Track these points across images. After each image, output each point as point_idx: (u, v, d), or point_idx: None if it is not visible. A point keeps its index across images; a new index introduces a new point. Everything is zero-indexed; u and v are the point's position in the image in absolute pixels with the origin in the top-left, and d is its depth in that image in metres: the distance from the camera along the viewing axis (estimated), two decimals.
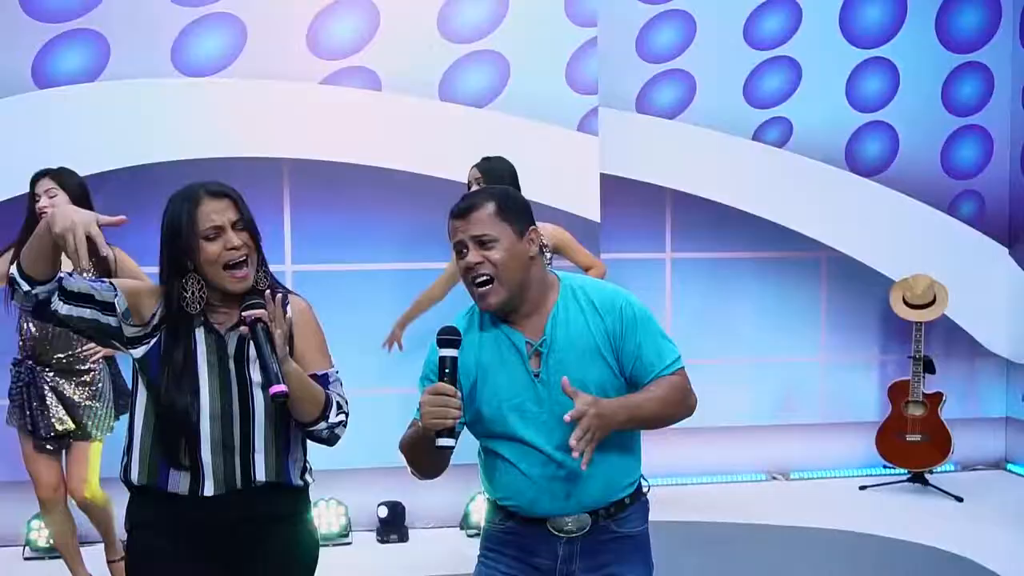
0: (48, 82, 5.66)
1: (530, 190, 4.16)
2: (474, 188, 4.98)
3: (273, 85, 5.85)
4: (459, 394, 2.52)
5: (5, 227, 4.81)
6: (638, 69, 6.92)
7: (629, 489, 2.74)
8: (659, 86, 6.94)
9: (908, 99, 7.22)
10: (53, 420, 4.62)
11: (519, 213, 2.70)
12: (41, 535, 5.51)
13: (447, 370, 2.52)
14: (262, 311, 2.54)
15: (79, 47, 5.69)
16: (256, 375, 2.63)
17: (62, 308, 2.55)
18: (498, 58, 6.03)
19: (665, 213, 7.01)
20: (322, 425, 2.64)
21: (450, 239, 2.68)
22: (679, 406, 2.73)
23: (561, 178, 5.94)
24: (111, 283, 2.65)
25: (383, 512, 5.92)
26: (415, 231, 5.89)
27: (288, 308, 2.74)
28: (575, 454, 2.45)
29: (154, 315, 2.66)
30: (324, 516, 5.83)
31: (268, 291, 2.60)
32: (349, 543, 5.84)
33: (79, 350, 4.64)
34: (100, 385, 4.71)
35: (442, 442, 2.50)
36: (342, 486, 5.91)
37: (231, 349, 2.65)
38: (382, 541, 5.88)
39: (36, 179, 4.62)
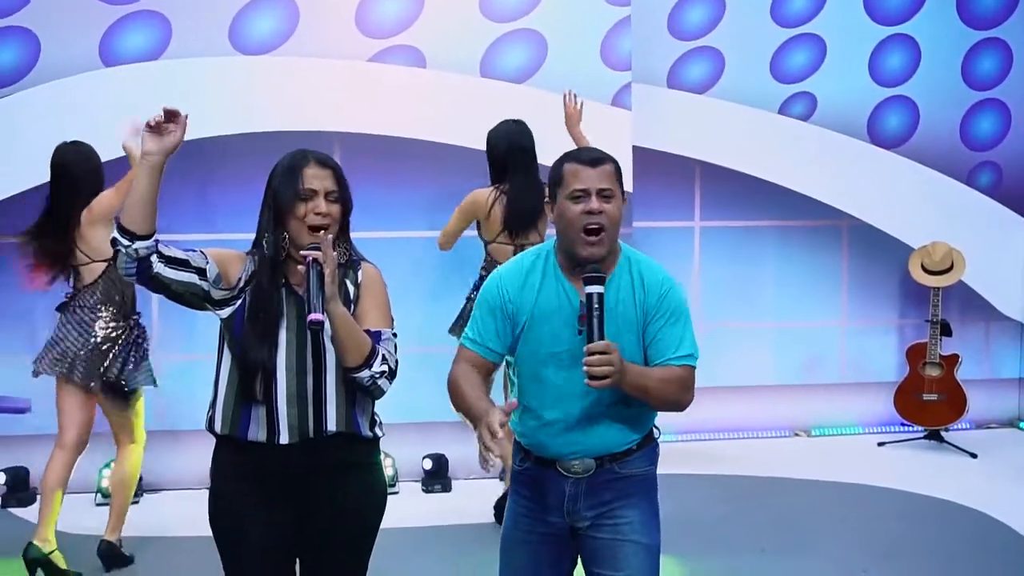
0: (115, 60, 5.73)
1: None
2: None
3: (324, 63, 5.88)
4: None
5: None
6: (669, 46, 6.87)
7: (635, 441, 2.82)
8: (689, 63, 6.89)
9: (929, 74, 7.12)
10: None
11: (622, 181, 2.79)
12: None
13: (596, 306, 2.59)
14: (318, 252, 2.61)
15: (143, 28, 5.74)
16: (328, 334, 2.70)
17: (163, 271, 2.63)
18: (536, 36, 6.01)
19: (694, 184, 6.98)
20: (365, 373, 2.68)
21: (566, 184, 2.73)
22: (675, 395, 2.75)
23: None
24: (202, 252, 2.73)
25: (428, 464, 5.99)
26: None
27: (360, 273, 2.83)
28: (586, 368, 2.53)
29: (240, 279, 2.76)
30: None
31: (321, 232, 2.67)
32: (396, 492, 5.89)
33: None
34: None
35: None
36: (390, 439, 5.87)
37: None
38: (427, 491, 5.94)
39: None
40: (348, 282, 2.81)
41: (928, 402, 6.79)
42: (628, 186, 6.00)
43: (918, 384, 6.82)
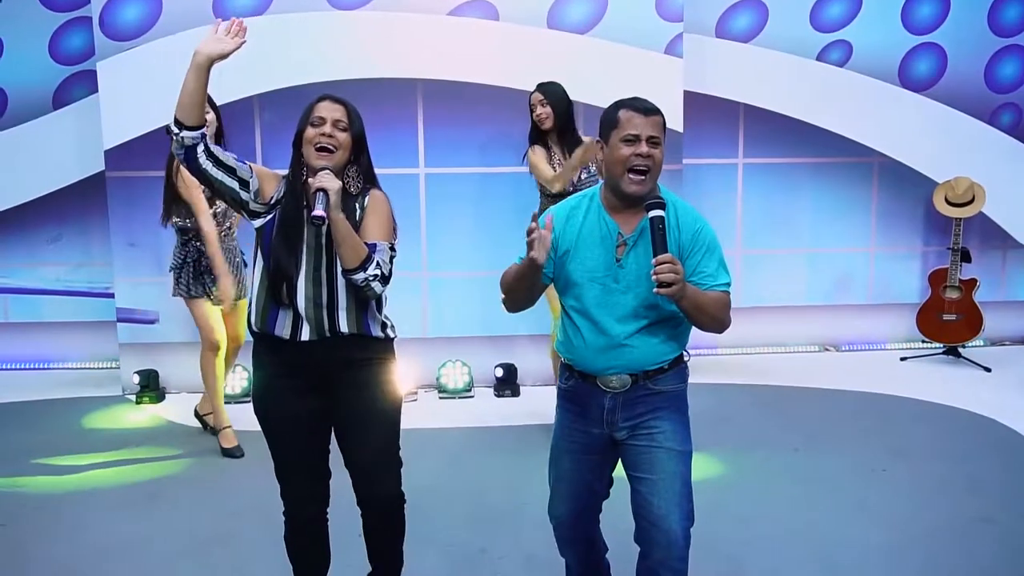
0: (226, 16, 5.69)
1: None
2: (538, 109, 5.01)
3: (409, 17, 5.89)
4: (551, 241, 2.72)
5: None
6: None
7: (667, 361, 2.83)
8: (736, 14, 6.78)
9: (957, 22, 6.93)
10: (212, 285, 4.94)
11: (666, 132, 2.82)
12: (233, 386, 5.77)
13: (660, 226, 2.64)
14: (324, 181, 2.77)
15: None
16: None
17: (208, 167, 2.81)
18: None
19: (738, 124, 6.91)
20: (359, 275, 2.81)
21: (620, 127, 2.75)
22: (720, 315, 2.77)
23: (649, 94, 5.72)
24: (250, 166, 2.90)
25: (499, 372, 6.09)
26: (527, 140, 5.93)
27: (367, 197, 2.96)
28: (654, 276, 2.57)
29: (272, 197, 2.92)
30: (451, 375, 6.04)
31: (328, 161, 2.85)
32: (472, 396, 6.03)
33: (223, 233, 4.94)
34: (239, 257, 5.03)
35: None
36: (466, 350, 6.09)
37: (324, 230, 2.85)
38: (498, 395, 6.06)
39: None
40: (357, 205, 2.94)
41: (947, 322, 6.75)
42: (679, 127, 6.01)
43: (939, 305, 6.77)
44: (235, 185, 2.84)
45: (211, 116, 4.75)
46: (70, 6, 6.27)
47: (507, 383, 6.08)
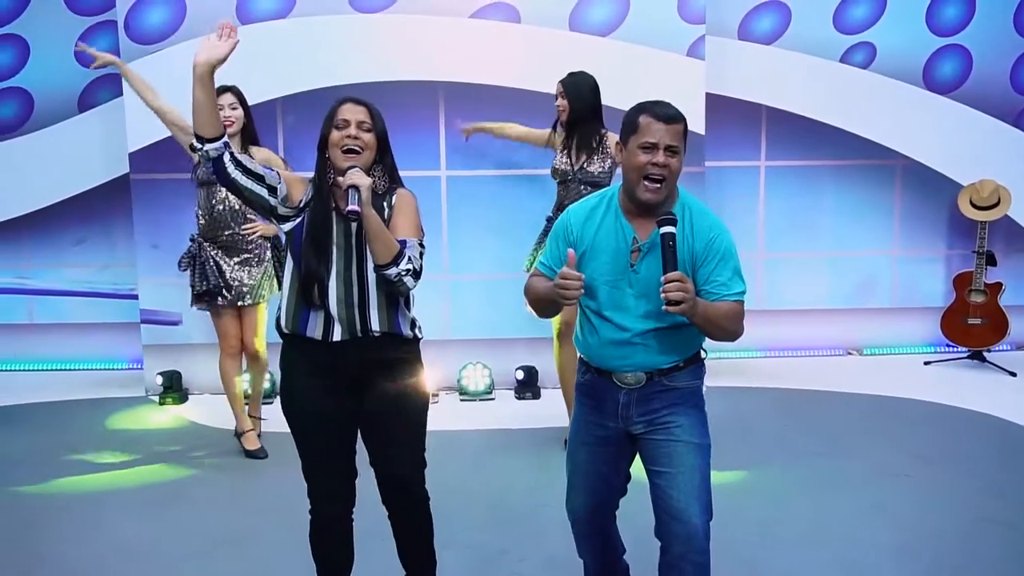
0: (250, 19, 5.84)
1: None
2: (557, 100, 4.95)
3: (431, 20, 5.92)
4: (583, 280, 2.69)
5: None
6: (740, 1, 6.75)
7: (679, 361, 2.85)
8: (758, 15, 6.77)
9: (982, 24, 6.88)
10: (212, 285, 4.90)
11: (687, 138, 2.81)
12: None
13: (671, 243, 2.64)
14: (355, 178, 2.80)
15: None
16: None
17: (238, 177, 2.84)
18: None
19: (761, 127, 6.89)
20: (392, 270, 2.82)
21: (639, 133, 2.74)
22: (731, 327, 2.77)
23: (671, 97, 5.73)
24: (277, 172, 2.93)
25: (520, 375, 6.11)
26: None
27: (394, 196, 3.00)
28: (663, 294, 2.58)
29: (301, 201, 2.95)
30: (472, 377, 6.06)
31: (355, 161, 2.87)
32: (492, 399, 6.04)
33: (238, 231, 4.90)
34: (254, 260, 4.95)
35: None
36: (487, 353, 6.11)
37: (354, 229, 2.90)
38: (519, 397, 6.07)
39: (220, 92, 4.62)
40: (385, 204, 2.97)
41: (972, 325, 6.71)
42: (700, 129, 6.02)
43: (963, 309, 6.73)
44: (264, 192, 2.87)
45: (239, 112, 4.76)
46: (95, 10, 6.35)
47: (528, 385, 6.09)
